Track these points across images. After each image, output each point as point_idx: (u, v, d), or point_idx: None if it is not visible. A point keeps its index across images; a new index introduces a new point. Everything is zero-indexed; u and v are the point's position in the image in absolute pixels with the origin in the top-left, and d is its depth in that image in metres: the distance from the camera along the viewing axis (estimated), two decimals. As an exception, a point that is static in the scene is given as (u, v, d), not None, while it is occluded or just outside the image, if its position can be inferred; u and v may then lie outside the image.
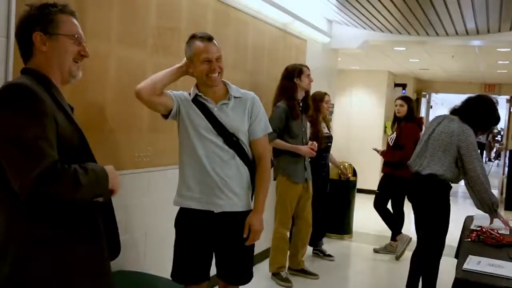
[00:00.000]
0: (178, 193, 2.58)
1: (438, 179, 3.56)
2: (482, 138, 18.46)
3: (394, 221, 5.56)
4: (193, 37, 2.50)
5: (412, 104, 5.63)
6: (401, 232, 5.49)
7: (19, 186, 1.48)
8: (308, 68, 4.31)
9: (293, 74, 4.23)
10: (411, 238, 5.28)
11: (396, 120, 5.64)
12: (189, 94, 2.57)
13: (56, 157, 1.51)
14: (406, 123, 5.48)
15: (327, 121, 5.26)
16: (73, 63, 1.73)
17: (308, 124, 4.56)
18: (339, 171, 5.84)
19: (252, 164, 2.59)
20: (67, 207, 1.61)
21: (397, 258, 5.41)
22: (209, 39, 2.48)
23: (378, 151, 5.80)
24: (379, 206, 5.58)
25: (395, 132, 5.53)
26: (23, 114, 1.50)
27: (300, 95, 4.28)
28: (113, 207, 1.87)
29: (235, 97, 2.56)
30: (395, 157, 5.35)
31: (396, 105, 5.59)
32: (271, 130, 2.70)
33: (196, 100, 2.53)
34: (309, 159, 4.43)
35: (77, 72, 1.76)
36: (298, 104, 4.25)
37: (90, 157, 1.72)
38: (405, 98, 5.64)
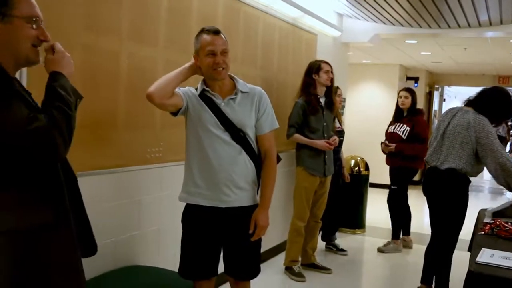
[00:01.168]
0: (184, 189, 2.59)
1: (458, 173, 3.52)
2: (502, 132, 18.25)
3: (408, 219, 5.56)
4: (201, 31, 2.51)
5: (415, 97, 5.55)
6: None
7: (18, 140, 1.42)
8: (328, 64, 4.39)
9: (312, 70, 4.35)
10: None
11: (399, 111, 5.56)
12: (196, 89, 2.57)
13: (42, 118, 1.44)
14: (418, 116, 5.46)
15: (339, 116, 5.26)
16: (31, 49, 1.56)
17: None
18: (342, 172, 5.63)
19: (258, 159, 2.59)
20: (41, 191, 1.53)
21: (380, 251, 5.50)
22: (216, 32, 2.48)
23: (389, 145, 5.44)
24: (398, 202, 5.53)
25: (404, 125, 5.42)
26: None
27: (320, 90, 4.37)
28: (83, 203, 1.75)
29: (242, 92, 2.55)
30: (416, 150, 5.30)
31: (400, 97, 5.53)
32: (278, 126, 2.68)
33: (203, 95, 2.53)
34: (332, 154, 4.50)
35: (36, 57, 1.59)
36: (317, 99, 4.33)
37: None
38: (409, 90, 5.57)
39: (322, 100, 4.38)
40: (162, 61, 3.20)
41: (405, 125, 5.43)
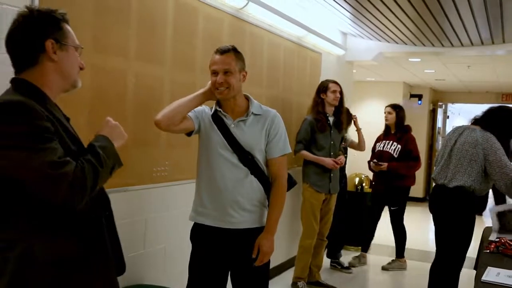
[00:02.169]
0: (194, 208, 2.60)
1: (466, 191, 3.52)
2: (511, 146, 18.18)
3: (405, 240, 5.58)
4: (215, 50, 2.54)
5: (402, 113, 5.52)
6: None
7: (53, 198, 1.47)
8: (336, 84, 4.52)
9: (320, 90, 4.52)
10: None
11: (387, 128, 5.55)
12: (211, 109, 2.60)
13: (73, 162, 1.49)
14: (408, 133, 5.47)
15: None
16: (77, 75, 1.70)
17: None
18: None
19: (267, 180, 2.56)
20: (70, 226, 1.57)
21: (384, 269, 5.53)
22: (223, 51, 2.47)
23: (380, 164, 5.34)
24: (399, 223, 5.54)
25: (395, 143, 5.39)
26: (31, 131, 1.45)
27: (329, 109, 4.50)
28: (114, 222, 1.81)
29: (254, 114, 2.54)
30: (410, 168, 5.32)
31: (384, 113, 5.55)
32: (290, 151, 2.65)
33: (215, 115, 2.55)
34: (339, 172, 4.57)
35: (79, 82, 1.72)
36: (326, 117, 4.46)
37: None
38: (394, 106, 5.55)
39: (331, 119, 4.48)
40: (169, 80, 3.24)
41: (395, 143, 5.38)
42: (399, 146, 5.36)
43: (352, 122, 5.31)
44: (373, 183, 5.68)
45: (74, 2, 2.55)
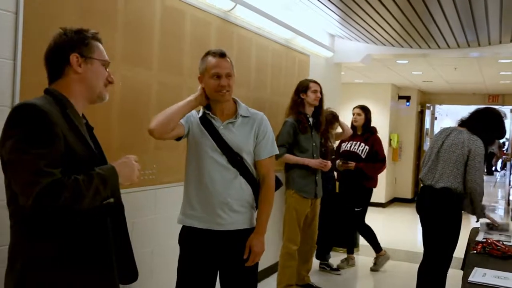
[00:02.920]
0: (182, 211, 2.60)
1: (453, 192, 3.57)
2: (495, 149, 18.47)
3: (374, 235, 5.59)
4: (207, 53, 2.54)
5: (370, 115, 5.51)
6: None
7: (22, 200, 1.58)
8: (316, 84, 4.36)
9: (300, 89, 4.33)
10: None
11: (353, 129, 5.51)
12: (198, 112, 2.60)
13: (58, 176, 1.57)
14: (375, 134, 5.49)
15: (332, 135, 5.28)
16: (103, 87, 1.85)
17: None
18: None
19: (256, 182, 2.59)
20: (72, 228, 1.68)
21: (373, 270, 5.54)
22: (222, 55, 2.50)
23: (348, 163, 5.34)
24: (362, 223, 5.55)
25: (362, 143, 5.38)
26: (31, 135, 1.57)
27: (309, 110, 4.33)
28: (127, 231, 1.89)
29: (242, 116, 2.56)
30: (376, 170, 5.39)
31: (353, 114, 5.51)
32: (277, 152, 2.68)
33: (203, 118, 2.55)
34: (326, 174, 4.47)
35: (106, 94, 1.88)
36: (307, 118, 4.29)
37: None
38: (362, 107, 5.52)
39: (311, 120, 4.34)
40: (156, 84, 3.24)
41: (363, 144, 5.39)
42: (366, 147, 5.37)
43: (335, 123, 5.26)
44: (339, 183, 5.64)
45: (60, 4, 2.53)
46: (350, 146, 5.45)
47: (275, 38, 4.84)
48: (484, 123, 3.62)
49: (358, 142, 5.41)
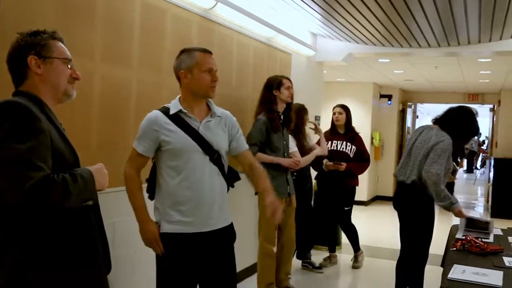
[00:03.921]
0: (165, 219, 2.49)
1: (420, 186, 3.63)
2: (475, 146, 18.74)
3: (357, 236, 5.64)
4: (190, 49, 2.51)
5: (350, 114, 5.52)
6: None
7: (12, 196, 1.59)
8: (289, 80, 4.23)
9: (272, 86, 4.15)
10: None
11: (335, 128, 5.50)
12: (164, 112, 2.48)
13: (48, 171, 1.60)
14: (358, 134, 5.53)
15: (305, 134, 5.08)
16: (68, 84, 1.85)
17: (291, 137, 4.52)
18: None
19: (226, 179, 2.61)
20: (58, 227, 1.70)
21: (355, 267, 5.59)
22: (209, 51, 2.53)
23: (340, 164, 5.29)
24: (350, 222, 5.59)
25: (349, 143, 5.39)
26: (18, 130, 1.59)
27: (281, 107, 4.18)
28: (103, 224, 1.93)
29: (217, 115, 2.56)
30: (363, 169, 5.44)
31: (334, 113, 5.49)
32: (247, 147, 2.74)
33: (177, 117, 2.47)
34: (294, 174, 4.40)
35: (73, 91, 1.88)
36: (279, 116, 4.16)
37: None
38: (343, 106, 5.51)
39: (282, 117, 4.21)
40: (136, 81, 3.21)
41: (349, 144, 5.40)
42: (353, 147, 5.39)
43: (313, 128, 5.14)
44: (319, 182, 5.63)
45: (37, 2, 2.49)
46: (337, 146, 5.42)
47: (257, 37, 4.83)
48: (455, 121, 3.69)
49: (343, 142, 5.40)
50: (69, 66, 1.85)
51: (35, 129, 1.62)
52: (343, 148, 5.39)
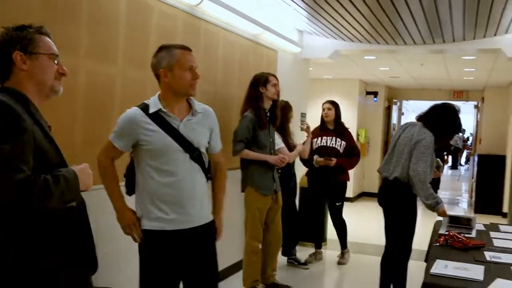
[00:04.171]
0: (145, 215, 2.49)
1: (403, 182, 3.68)
2: (459, 143, 18.93)
3: (346, 232, 5.69)
4: (169, 46, 2.48)
5: (339, 109, 5.54)
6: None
7: None
8: (275, 77, 4.25)
9: (258, 83, 4.17)
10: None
11: (324, 124, 5.53)
12: (143, 110, 2.45)
13: (28, 173, 1.57)
14: (347, 130, 5.57)
15: (289, 131, 5.12)
16: (55, 80, 1.81)
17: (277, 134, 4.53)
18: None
19: (209, 175, 2.63)
20: (40, 226, 1.67)
21: (341, 263, 5.64)
22: (188, 48, 2.50)
23: (331, 160, 5.32)
24: (340, 218, 5.63)
25: (338, 139, 5.43)
26: (1, 130, 1.56)
27: (267, 104, 4.20)
28: (89, 221, 1.89)
29: (198, 112, 2.54)
30: (353, 164, 5.49)
31: (324, 109, 5.52)
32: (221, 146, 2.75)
33: (157, 115, 2.44)
34: (279, 171, 4.42)
35: (59, 87, 1.84)
36: (265, 113, 4.18)
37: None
38: (332, 102, 5.54)
39: (268, 115, 4.22)
40: (121, 78, 3.19)
41: (339, 139, 5.44)
42: (343, 142, 5.43)
43: (305, 129, 5.09)
44: (309, 179, 5.67)
45: (20, -3, 2.47)
46: (327, 142, 5.45)
47: (243, 34, 4.83)
48: (438, 118, 3.73)
49: (333, 137, 5.44)
50: (55, 62, 1.82)
51: (18, 129, 1.58)
52: (333, 143, 5.43)
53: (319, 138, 5.46)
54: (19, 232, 1.65)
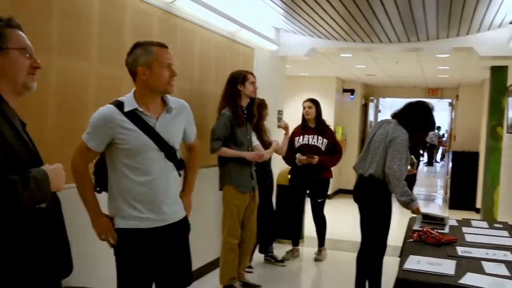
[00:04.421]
0: (119, 214, 2.47)
1: (377, 179, 3.73)
2: (435, 140, 19.22)
3: (325, 230, 5.75)
4: (145, 43, 2.44)
5: (320, 107, 5.59)
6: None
7: None
8: (253, 75, 4.27)
9: (236, 81, 4.18)
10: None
11: (306, 122, 5.57)
12: (117, 107, 2.42)
13: None
14: (328, 127, 5.63)
15: (264, 129, 5.08)
16: (27, 76, 1.73)
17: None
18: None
19: (181, 169, 2.63)
20: (6, 229, 1.62)
21: (318, 260, 5.68)
22: (165, 45, 2.48)
23: (313, 157, 5.36)
24: (321, 214, 5.67)
25: (320, 137, 5.46)
26: None
27: (245, 102, 4.22)
28: (64, 222, 1.85)
29: (173, 108, 2.53)
30: (335, 162, 5.53)
31: (304, 107, 5.55)
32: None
33: (132, 114, 2.40)
34: (255, 168, 4.43)
35: (32, 83, 1.76)
36: (243, 111, 4.20)
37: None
38: (313, 100, 5.58)
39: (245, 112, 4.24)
40: (95, 75, 3.15)
41: (320, 137, 5.47)
42: (325, 140, 5.47)
43: (282, 127, 5.15)
44: (292, 177, 5.69)
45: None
46: (309, 140, 5.48)
47: (219, 31, 4.81)
48: (412, 115, 3.79)
49: (315, 136, 5.47)
50: (27, 55, 1.73)
51: None
52: (314, 142, 5.47)
53: (301, 137, 5.50)
54: None
